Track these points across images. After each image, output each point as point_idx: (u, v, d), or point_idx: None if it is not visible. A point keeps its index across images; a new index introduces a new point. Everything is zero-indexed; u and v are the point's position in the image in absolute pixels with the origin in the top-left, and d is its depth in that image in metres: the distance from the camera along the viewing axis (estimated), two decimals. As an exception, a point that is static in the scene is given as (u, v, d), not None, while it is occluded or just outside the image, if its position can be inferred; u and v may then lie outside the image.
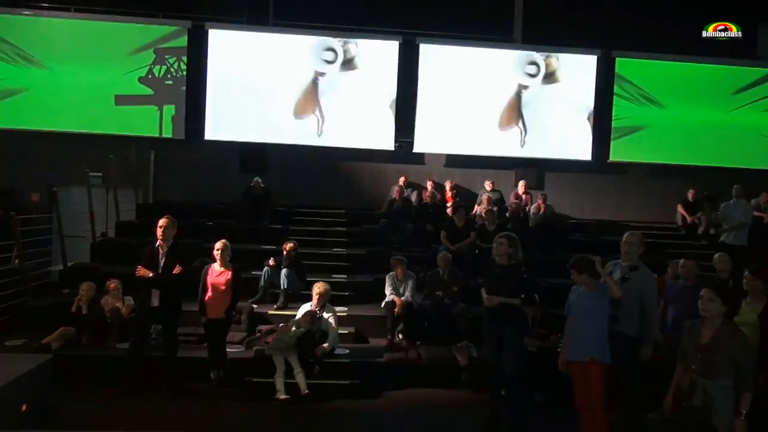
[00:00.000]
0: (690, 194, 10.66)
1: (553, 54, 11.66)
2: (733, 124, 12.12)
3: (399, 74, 11.45)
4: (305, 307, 6.29)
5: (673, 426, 3.72)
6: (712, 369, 3.42)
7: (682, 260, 5.93)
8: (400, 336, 6.86)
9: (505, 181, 11.20)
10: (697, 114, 12.08)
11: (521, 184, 10.39)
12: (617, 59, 11.91)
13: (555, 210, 9.79)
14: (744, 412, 3.31)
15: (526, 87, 11.70)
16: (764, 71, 12.18)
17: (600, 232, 10.34)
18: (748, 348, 3.38)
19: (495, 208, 9.50)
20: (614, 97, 11.95)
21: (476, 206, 10.14)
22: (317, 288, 6.28)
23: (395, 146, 11.51)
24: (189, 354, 6.10)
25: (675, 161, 12.01)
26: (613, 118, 11.95)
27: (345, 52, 11.33)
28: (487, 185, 10.73)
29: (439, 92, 11.62)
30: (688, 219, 10.58)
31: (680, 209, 10.73)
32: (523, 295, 5.06)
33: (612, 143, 11.96)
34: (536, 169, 11.74)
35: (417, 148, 11.62)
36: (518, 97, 11.72)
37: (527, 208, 9.77)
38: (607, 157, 11.94)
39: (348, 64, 11.35)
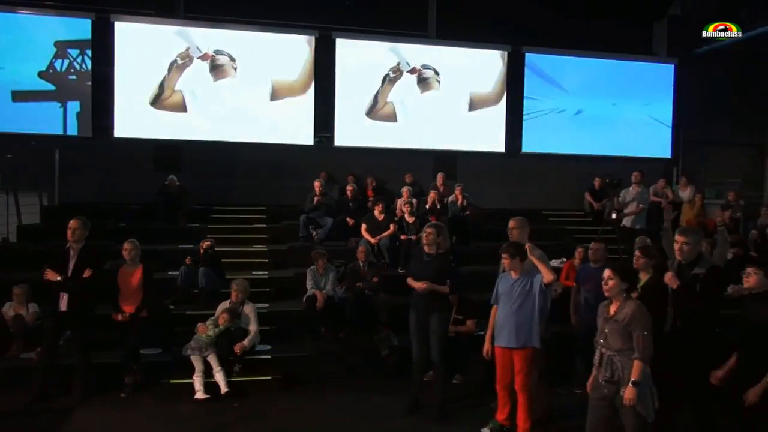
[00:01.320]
0: (596, 182, 11.28)
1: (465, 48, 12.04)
2: (632, 116, 12.96)
3: (316, 68, 11.42)
4: (224, 305, 6.19)
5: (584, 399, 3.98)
6: (616, 342, 3.68)
7: (591, 243, 6.30)
8: (323, 329, 6.88)
9: (424, 173, 11.42)
10: (601, 107, 12.82)
11: (439, 176, 10.62)
12: (526, 54, 12.41)
13: (472, 200, 10.10)
14: (633, 379, 3.57)
15: (439, 81, 11.99)
16: (658, 66, 13.10)
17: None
18: (642, 318, 3.66)
19: (414, 201, 9.70)
20: (524, 91, 12.46)
21: (396, 199, 10.29)
22: (235, 284, 6.20)
23: (315, 141, 11.49)
24: (103, 359, 5.86)
25: (582, 151, 12.68)
26: (524, 111, 12.46)
27: (261, 45, 11.17)
28: (407, 178, 10.91)
29: (357, 86, 11.70)
30: (595, 206, 11.20)
31: (587, 196, 11.35)
32: (449, 283, 5.22)
33: (524, 135, 12.48)
34: (454, 161, 12.07)
35: (337, 142, 11.65)
36: (434, 89, 12.00)
37: (445, 200, 10.02)
38: (520, 149, 12.46)
39: (265, 57, 11.20)
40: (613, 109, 12.90)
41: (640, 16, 12.87)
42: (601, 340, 3.76)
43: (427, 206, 9.63)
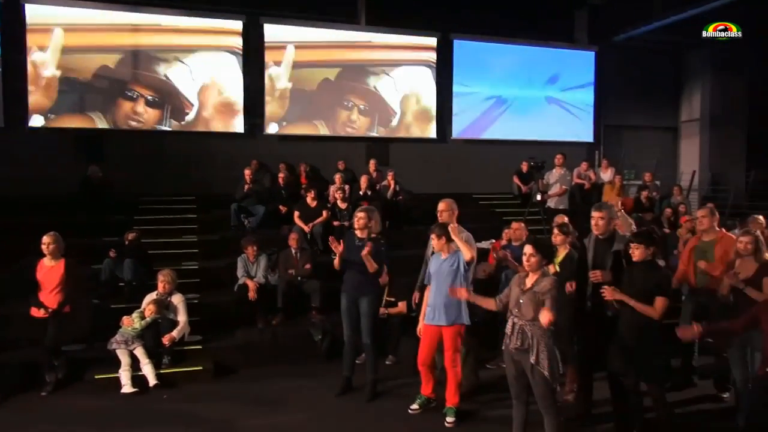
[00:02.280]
0: (524, 166, 11.64)
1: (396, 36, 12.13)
2: (556, 102, 13.45)
3: (244, 55, 11.21)
4: (151, 297, 6.04)
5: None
6: (529, 312, 3.86)
7: (512, 223, 6.53)
8: (255, 317, 6.83)
9: (356, 160, 11.47)
10: (527, 93, 13.25)
11: (371, 162, 10.71)
12: (455, 41, 12.63)
13: (404, 186, 10.24)
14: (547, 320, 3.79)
15: (372, 68, 12.04)
16: (580, 53, 13.63)
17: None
18: (555, 291, 3.86)
19: (347, 187, 9.74)
20: (453, 77, 12.69)
21: (329, 186, 10.29)
22: (162, 275, 6.07)
23: (245, 129, 11.30)
24: (22, 358, 5.63)
25: (510, 137, 13.07)
26: (453, 97, 12.71)
27: (188, 28, 10.86)
28: (340, 165, 10.93)
29: (288, 74, 11.57)
30: (523, 188, 11.57)
31: (515, 179, 11.72)
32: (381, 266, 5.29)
33: (454, 121, 12.73)
34: (386, 148, 12.19)
35: (268, 130, 11.51)
36: (366, 78, 12.05)
37: (378, 186, 10.12)
38: (451, 135, 12.71)
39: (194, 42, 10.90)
40: (538, 95, 13.35)
41: (562, 4, 13.31)
42: (515, 311, 3.94)
43: (360, 192, 9.70)
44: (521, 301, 3.92)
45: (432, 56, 12.52)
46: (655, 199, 10.98)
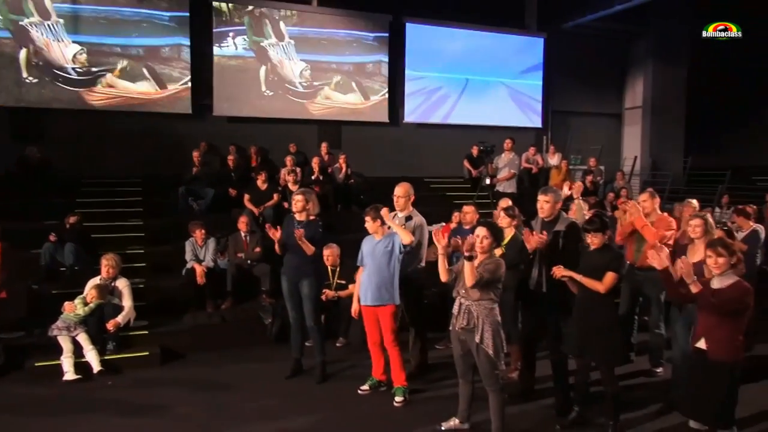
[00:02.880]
0: (474, 150, 11.82)
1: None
2: (506, 87, 13.67)
3: (191, 33, 10.90)
4: (94, 282, 5.87)
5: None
6: (475, 293, 3.95)
7: (463, 207, 6.64)
8: (204, 301, 6.74)
9: (308, 143, 11.38)
10: (478, 77, 13.39)
11: (323, 145, 10.65)
12: (407, 24, 12.62)
13: (355, 169, 10.24)
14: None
15: (323, 49, 11.92)
16: (529, 39, 13.85)
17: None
18: (496, 269, 3.96)
19: (298, 170, 9.66)
20: (406, 61, 12.70)
21: (281, 169, 10.18)
22: (105, 259, 5.90)
23: (193, 110, 11.02)
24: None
25: (461, 121, 13.21)
26: (405, 81, 12.73)
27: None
28: (291, 148, 10.82)
29: (240, 54, 11.33)
30: (473, 172, 11.75)
31: (466, 164, 11.88)
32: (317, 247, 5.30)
33: (406, 105, 12.77)
34: (338, 131, 12.15)
35: (217, 111, 11.27)
36: (317, 59, 11.92)
37: (329, 169, 10.08)
38: (402, 118, 12.75)
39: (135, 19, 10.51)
40: (489, 80, 13.52)
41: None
42: (462, 291, 4.03)
43: (312, 177, 9.64)
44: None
45: (384, 38, 12.47)
46: (599, 183, 11.36)
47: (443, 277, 4.17)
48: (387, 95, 12.59)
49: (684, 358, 4.59)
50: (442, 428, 4.34)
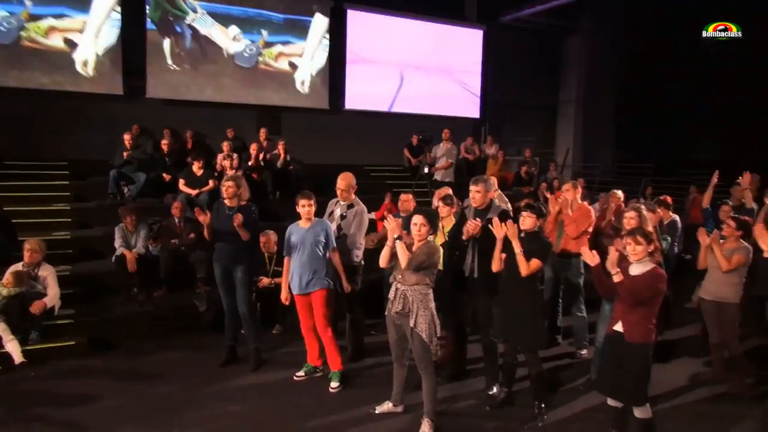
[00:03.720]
0: (414, 139, 11.94)
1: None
2: (446, 78, 13.83)
3: (122, 12, 10.45)
4: (15, 268, 5.58)
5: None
6: (411, 278, 4.03)
7: (401, 195, 6.72)
8: (134, 290, 6.55)
9: (247, 128, 11.17)
10: (419, 67, 13.48)
11: (262, 131, 10.49)
12: (348, 11, 12.55)
13: (295, 156, 10.15)
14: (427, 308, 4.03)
15: (263, 34, 11.71)
16: (469, 31, 14.07)
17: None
18: (431, 255, 4.05)
19: (236, 155, 9.49)
20: (347, 48, 12.65)
21: (218, 155, 9.96)
22: (28, 244, 5.62)
23: (125, 91, 10.59)
24: None
25: (402, 110, 13.29)
26: (346, 68, 12.68)
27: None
28: (229, 133, 10.59)
29: (173, 35, 10.95)
30: (413, 161, 11.87)
31: (406, 152, 11.99)
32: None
33: (347, 92, 12.73)
34: (278, 117, 11.99)
35: (150, 93, 10.87)
36: (257, 46, 11.69)
37: (268, 155, 9.94)
38: (343, 105, 12.71)
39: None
40: (429, 70, 13.64)
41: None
42: (399, 277, 4.10)
43: (249, 163, 9.49)
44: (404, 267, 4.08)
45: (325, 24, 12.35)
46: (533, 174, 11.72)
47: (383, 262, 4.22)
48: (328, 82, 12.48)
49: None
50: (376, 411, 4.42)
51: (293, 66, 12.10)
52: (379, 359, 5.42)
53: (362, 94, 12.91)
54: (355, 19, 12.70)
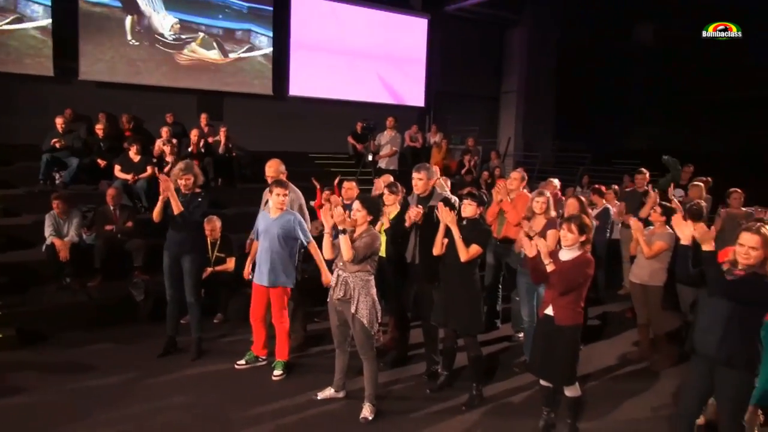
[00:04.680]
0: (358, 126, 11.92)
1: None
2: (392, 65, 13.86)
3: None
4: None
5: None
6: (351, 264, 4.06)
7: (344, 182, 6.72)
8: (68, 279, 6.30)
9: (187, 114, 10.87)
10: (363, 54, 13.42)
11: (203, 116, 10.24)
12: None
13: (238, 142, 9.97)
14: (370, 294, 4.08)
15: (206, 19, 11.40)
16: (414, 19, 14.12)
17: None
18: (372, 242, 4.09)
19: (175, 141, 9.24)
20: (291, 33, 12.48)
21: (156, 140, 9.67)
22: (-51, 234, 5.33)
23: (55, 72, 10.09)
24: None
25: (347, 97, 13.24)
26: (290, 54, 12.51)
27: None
28: (168, 118, 10.28)
29: (107, 15, 10.50)
30: (358, 147, 11.87)
31: (350, 140, 11.97)
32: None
33: (291, 79, 12.57)
34: (220, 103, 11.73)
35: (84, 76, 10.40)
36: (198, 29, 11.37)
37: (210, 139, 9.73)
38: (288, 92, 12.55)
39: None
40: (374, 58, 13.62)
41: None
42: (340, 263, 4.13)
43: (190, 149, 9.26)
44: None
45: (269, 9, 12.13)
46: (476, 162, 11.94)
47: (327, 254, 4.23)
48: (272, 67, 12.28)
49: (530, 323, 5.06)
50: (318, 397, 4.45)
51: (236, 51, 11.83)
52: (323, 347, 5.46)
53: (307, 80, 12.76)
54: (300, 4, 12.52)
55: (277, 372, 4.86)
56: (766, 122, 14.04)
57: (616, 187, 8.55)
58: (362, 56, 13.42)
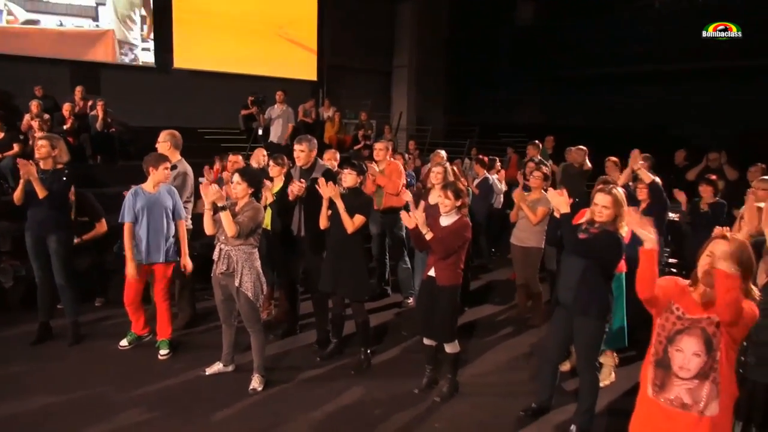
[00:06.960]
0: (249, 100, 11.62)
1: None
2: (283, 39, 13.61)
3: None
4: None
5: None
6: (233, 239, 4.01)
7: (229, 156, 6.62)
8: None
9: (59, 86, 10.09)
10: (253, 27, 13.09)
11: (77, 89, 9.53)
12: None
13: (119, 118, 9.41)
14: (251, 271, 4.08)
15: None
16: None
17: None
18: (255, 215, 4.07)
19: (47, 116, 8.55)
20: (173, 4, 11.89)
21: (25, 115, 8.90)
22: None
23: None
24: None
25: (236, 70, 12.86)
26: (174, 24, 11.93)
27: None
28: (37, 91, 9.47)
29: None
30: (254, 113, 11.49)
31: (243, 113, 11.64)
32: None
33: (176, 50, 12.00)
34: (97, 75, 10.99)
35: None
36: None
37: (89, 111, 9.11)
38: (172, 64, 11.98)
39: None
40: (265, 30, 13.31)
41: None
42: (222, 237, 4.08)
43: (65, 127, 8.61)
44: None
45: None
46: (370, 136, 12.07)
47: (209, 230, 4.15)
48: (153, 38, 11.65)
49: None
50: (207, 373, 4.41)
51: (112, 17, 11.09)
52: (210, 324, 5.37)
53: (193, 52, 12.24)
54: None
55: (163, 351, 4.74)
56: (634, 96, 15.20)
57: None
58: (252, 29, 13.08)
